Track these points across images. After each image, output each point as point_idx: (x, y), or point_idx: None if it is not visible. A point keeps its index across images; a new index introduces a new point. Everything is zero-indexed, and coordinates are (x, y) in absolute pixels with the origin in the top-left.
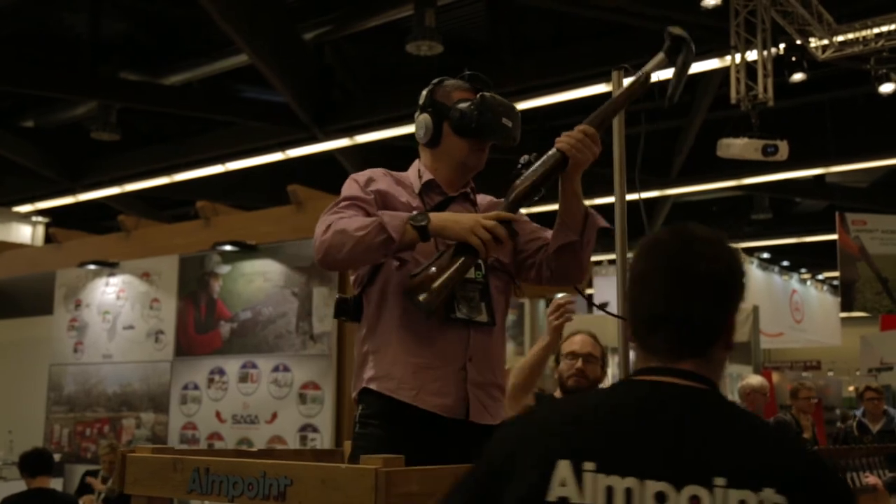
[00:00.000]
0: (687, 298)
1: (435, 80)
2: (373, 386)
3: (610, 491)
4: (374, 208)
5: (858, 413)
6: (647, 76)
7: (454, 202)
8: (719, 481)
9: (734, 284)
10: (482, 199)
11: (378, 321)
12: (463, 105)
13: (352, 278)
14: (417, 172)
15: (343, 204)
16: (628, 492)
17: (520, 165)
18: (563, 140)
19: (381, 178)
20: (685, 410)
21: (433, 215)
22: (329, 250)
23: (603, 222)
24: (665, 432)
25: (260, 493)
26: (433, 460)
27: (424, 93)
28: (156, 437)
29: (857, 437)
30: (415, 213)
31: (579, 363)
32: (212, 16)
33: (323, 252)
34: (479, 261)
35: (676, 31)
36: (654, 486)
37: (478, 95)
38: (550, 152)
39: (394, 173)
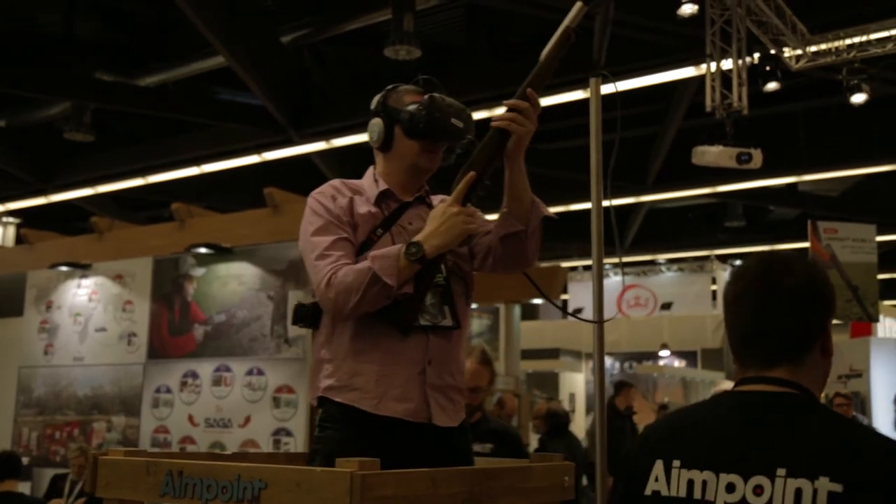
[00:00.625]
0: (774, 312)
1: (388, 87)
2: (332, 396)
3: (690, 483)
4: (348, 228)
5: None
6: (573, 31)
7: (410, 207)
8: (780, 472)
9: (817, 295)
10: (437, 199)
11: (335, 328)
12: (412, 107)
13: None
14: (373, 179)
15: (325, 243)
16: (704, 483)
17: (458, 152)
18: (498, 117)
19: (341, 190)
20: (761, 412)
21: (423, 242)
22: (336, 308)
23: (546, 211)
24: (740, 432)
25: (234, 497)
26: (395, 464)
27: (377, 98)
28: (127, 441)
29: None
30: (407, 247)
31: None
32: (188, 17)
33: (331, 309)
34: (442, 265)
35: None
36: (725, 478)
37: (426, 97)
38: (488, 134)
39: (349, 182)
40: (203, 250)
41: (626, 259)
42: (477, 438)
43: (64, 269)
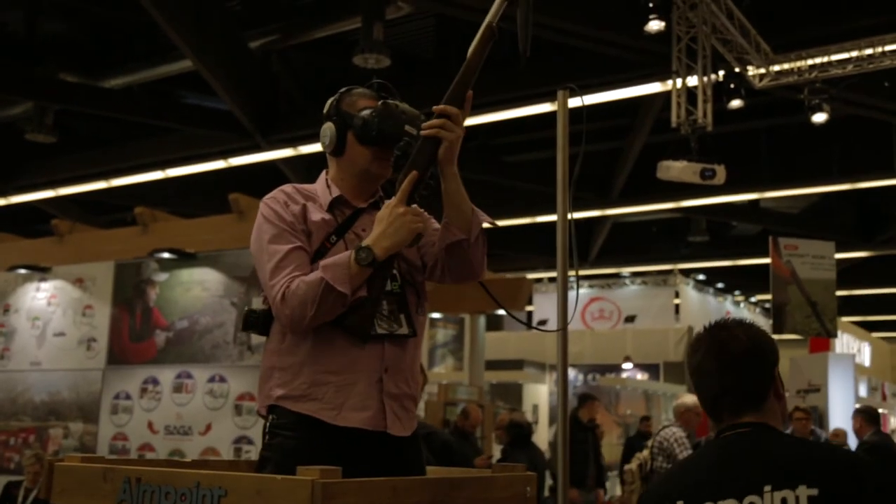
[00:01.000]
0: (728, 375)
1: (342, 90)
2: (288, 406)
3: None
4: (302, 236)
5: (788, 432)
6: (495, 27)
7: (364, 213)
8: (767, 488)
9: (759, 354)
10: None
11: (286, 335)
12: (365, 113)
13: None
14: (325, 184)
15: (280, 254)
16: None
17: (396, 154)
18: (428, 125)
19: (294, 196)
20: (740, 447)
21: (373, 245)
22: (293, 321)
23: (487, 220)
24: (728, 466)
25: None
26: (350, 473)
27: (330, 101)
28: (84, 448)
29: None
30: (356, 252)
31: None
32: (156, 20)
33: (288, 324)
34: (395, 272)
35: None
36: (731, 502)
37: (380, 103)
38: (418, 144)
39: (302, 188)
40: (166, 255)
41: (591, 272)
42: None
43: (22, 271)
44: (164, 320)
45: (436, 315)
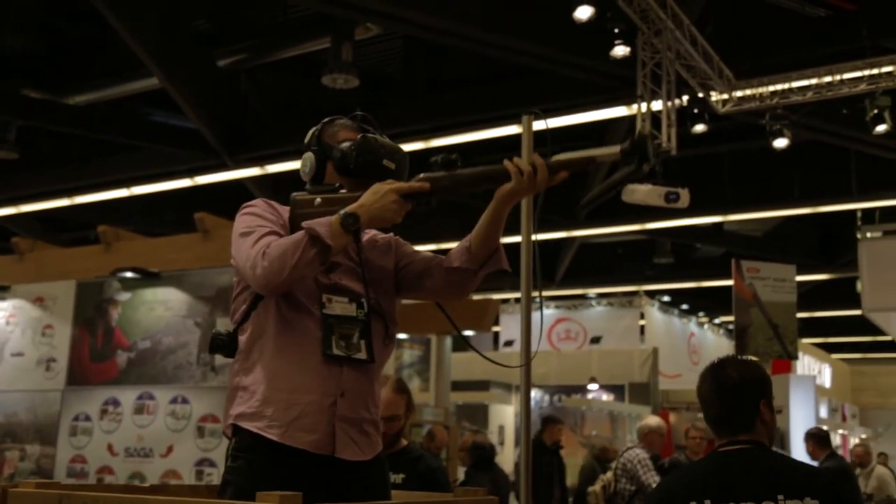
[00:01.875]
0: (724, 403)
1: (325, 119)
2: (243, 423)
3: None
4: (280, 224)
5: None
6: (645, 165)
7: None
8: (780, 497)
9: (752, 389)
10: (368, 234)
11: (250, 356)
12: (345, 145)
13: (232, 315)
14: None
15: (261, 231)
16: None
17: (435, 160)
18: (516, 161)
19: (275, 208)
20: (750, 460)
21: (359, 212)
22: (270, 276)
23: (506, 265)
24: (746, 474)
25: None
26: (309, 497)
27: (312, 131)
28: (41, 471)
29: None
30: (341, 213)
31: (382, 427)
32: (122, 37)
33: (265, 281)
34: (363, 300)
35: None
36: None
37: (359, 136)
38: (491, 166)
39: (279, 206)
40: (129, 274)
41: (557, 293)
42: (392, 469)
43: None
44: (126, 340)
45: (402, 336)
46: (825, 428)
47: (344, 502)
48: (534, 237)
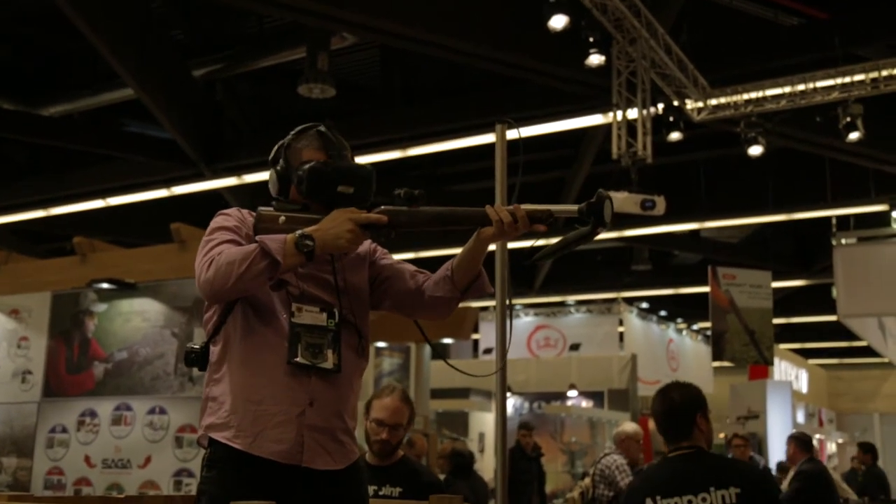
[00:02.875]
0: (671, 418)
1: (293, 133)
2: (212, 433)
3: None
4: (246, 241)
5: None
6: (599, 228)
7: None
8: (712, 489)
9: (687, 407)
10: None
11: (220, 367)
12: (302, 170)
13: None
14: None
15: (219, 239)
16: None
17: (398, 193)
18: (499, 209)
19: (246, 221)
20: (690, 462)
21: (315, 236)
22: (215, 283)
23: (489, 289)
24: (686, 472)
25: None
26: None
27: (278, 146)
28: (18, 483)
29: None
30: (297, 233)
31: (385, 434)
32: (97, 48)
33: (209, 287)
34: (335, 310)
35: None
36: (686, 498)
37: (312, 163)
38: (471, 209)
39: (248, 215)
40: (105, 285)
41: (536, 300)
42: (389, 482)
43: None
44: (102, 351)
45: (381, 344)
46: None
47: None
48: (509, 245)
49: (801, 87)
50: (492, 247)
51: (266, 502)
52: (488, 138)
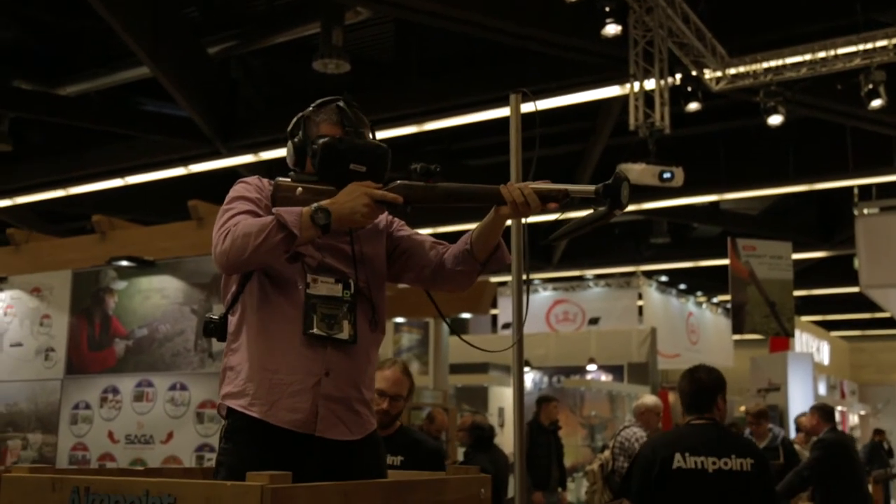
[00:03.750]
0: (697, 395)
1: (313, 106)
2: (229, 402)
3: (695, 462)
4: (265, 211)
5: (746, 432)
6: (616, 210)
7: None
8: (733, 455)
9: (712, 388)
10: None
11: (237, 337)
12: (317, 144)
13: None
14: None
15: (237, 209)
16: (702, 462)
17: (414, 168)
18: (514, 187)
19: (265, 190)
20: (711, 431)
21: (331, 209)
22: (231, 254)
23: (509, 259)
24: (709, 439)
25: None
26: (299, 477)
27: (296, 119)
28: (43, 459)
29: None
30: (313, 206)
31: (385, 404)
32: (112, 26)
33: (224, 259)
34: (351, 281)
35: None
36: (710, 459)
37: (325, 139)
38: (489, 186)
39: (267, 185)
40: (124, 263)
41: (554, 275)
42: (390, 451)
43: None
44: (123, 329)
45: (399, 319)
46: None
47: (335, 481)
48: (524, 219)
49: (821, 54)
50: (508, 221)
51: (281, 472)
52: (504, 112)
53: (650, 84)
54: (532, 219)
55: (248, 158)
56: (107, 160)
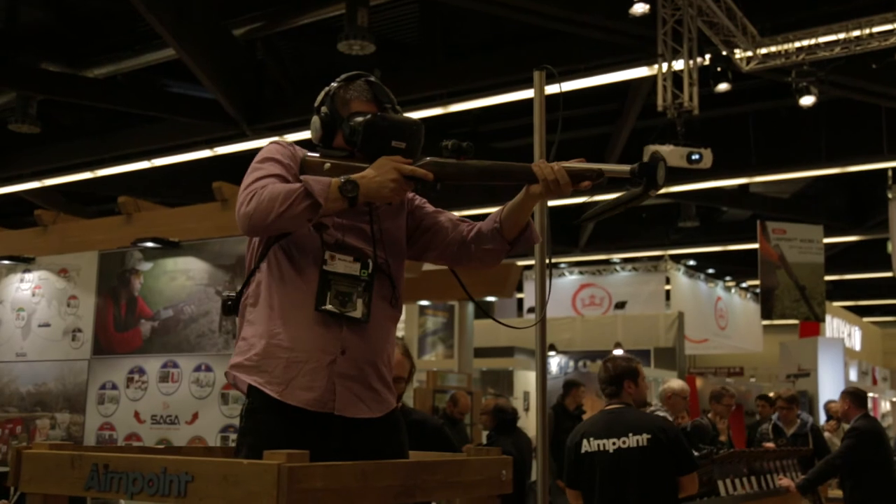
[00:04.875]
0: (607, 383)
1: (339, 81)
2: (240, 373)
3: (597, 445)
4: (292, 174)
5: (774, 417)
6: (651, 190)
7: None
8: (629, 433)
9: (620, 375)
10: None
11: (253, 310)
12: (354, 121)
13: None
14: None
15: (266, 171)
16: (602, 444)
17: (445, 144)
18: (545, 165)
19: (296, 155)
20: (616, 414)
21: (360, 182)
22: (255, 217)
23: (538, 238)
24: (611, 422)
25: (160, 490)
26: (317, 456)
27: (324, 92)
28: (71, 438)
29: (772, 439)
30: (342, 178)
31: None
32: (138, 8)
33: (248, 220)
34: (370, 260)
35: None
36: (611, 440)
37: (367, 117)
38: (520, 164)
39: (298, 151)
40: (150, 244)
41: (581, 258)
42: None
43: (6, 262)
44: (148, 310)
45: (424, 303)
46: None
47: (355, 460)
48: (555, 203)
49: (855, 32)
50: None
51: (299, 451)
52: (530, 93)
53: (679, 64)
54: (559, 202)
55: (273, 140)
56: (133, 142)
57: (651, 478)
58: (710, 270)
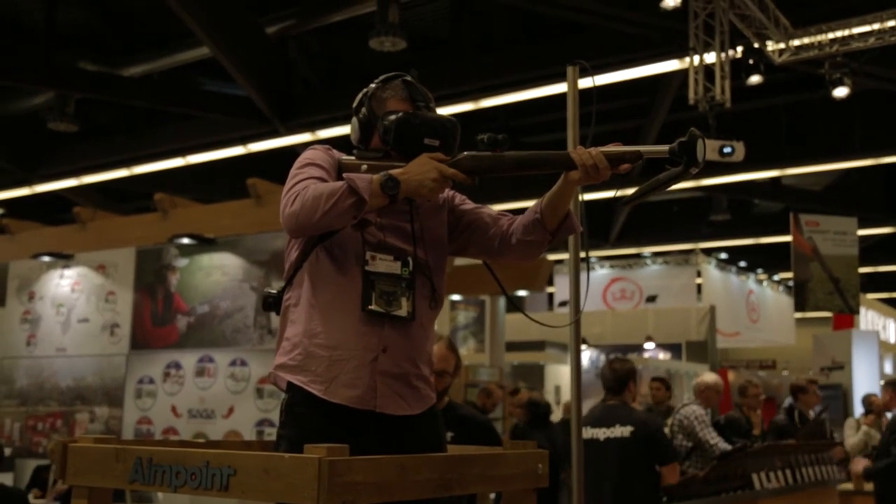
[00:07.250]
0: (613, 381)
1: (377, 81)
2: (284, 373)
3: (592, 433)
4: (331, 177)
5: (787, 402)
6: (692, 168)
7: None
8: (616, 425)
9: (622, 376)
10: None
11: (296, 310)
12: (388, 120)
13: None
14: None
15: (308, 174)
16: (595, 433)
17: (481, 138)
18: (584, 152)
19: (334, 157)
20: (609, 410)
21: (401, 179)
22: (300, 217)
23: (579, 227)
24: (605, 415)
25: (203, 483)
26: (357, 450)
27: (361, 94)
28: (110, 432)
29: (796, 424)
30: (383, 174)
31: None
32: (171, 7)
33: (294, 220)
34: (409, 259)
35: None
36: (602, 430)
37: (399, 115)
38: (557, 151)
39: (336, 154)
40: (186, 241)
41: (611, 252)
42: None
43: (46, 259)
44: (185, 305)
45: (456, 297)
46: None
47: (394, 454)
48: (581, 196)
49: (890, 23)
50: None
51: (339, 444)
52: (561, 88)
53: (710, 57)
54: (590, 195)
55: (305, 137)
56: (168, 139)
57: (632, 465)
58: (742, 263)
